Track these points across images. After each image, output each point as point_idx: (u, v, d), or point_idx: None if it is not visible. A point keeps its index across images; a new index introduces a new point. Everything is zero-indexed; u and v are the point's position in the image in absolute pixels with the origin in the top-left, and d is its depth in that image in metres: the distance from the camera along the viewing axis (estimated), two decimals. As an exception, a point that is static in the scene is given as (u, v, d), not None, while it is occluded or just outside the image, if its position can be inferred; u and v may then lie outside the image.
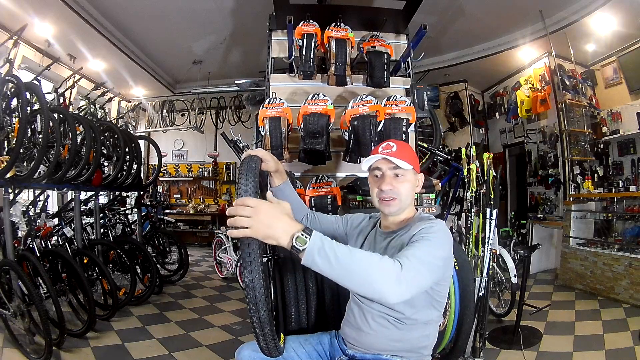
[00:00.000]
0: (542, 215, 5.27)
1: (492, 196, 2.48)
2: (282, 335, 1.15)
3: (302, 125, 1.96)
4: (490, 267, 2.56)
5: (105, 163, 3.86)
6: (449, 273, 1.21)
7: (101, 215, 4.05)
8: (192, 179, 8.07)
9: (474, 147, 2.77)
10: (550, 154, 5.39)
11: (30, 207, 3.16)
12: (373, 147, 1.83)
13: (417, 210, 1.30)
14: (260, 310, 0.92)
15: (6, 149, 2.80)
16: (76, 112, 4.38)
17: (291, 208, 1.43)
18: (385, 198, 1.21)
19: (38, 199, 3.28)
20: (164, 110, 6.94)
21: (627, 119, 4.67)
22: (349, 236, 1.42)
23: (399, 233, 1.22)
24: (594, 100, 5.10)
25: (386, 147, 1.23)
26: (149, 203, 5.58)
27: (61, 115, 3.09)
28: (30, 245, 2.96)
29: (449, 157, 3.05)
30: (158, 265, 4.33)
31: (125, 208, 4.83)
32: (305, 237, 0.87)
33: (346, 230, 1.43)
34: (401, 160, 1.19)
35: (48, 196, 3.49)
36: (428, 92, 2.27)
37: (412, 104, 2.02)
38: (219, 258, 5.10)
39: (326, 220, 1.47)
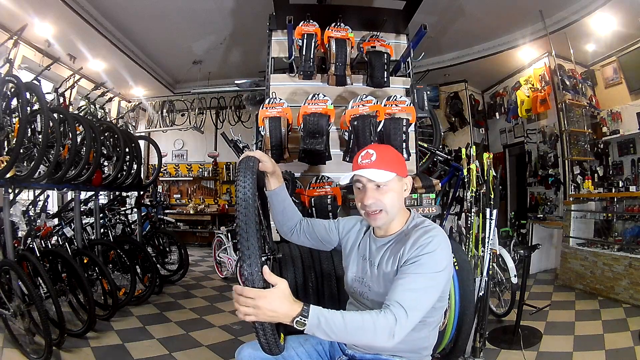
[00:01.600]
0: (542, 215, 5.27)
1: (492, 196, 2.48)
2: (282, 335, 1.15)
3: (302, 125, 1.96)
4: (490, 267, 2.55)
5: (105, 163, 3.86)
6: (451, 275, 1.20)
7: (101, 215, 4.04)
8: (192, 179, 8.06)
9: (474, 147, 2.77)
10: (550, 154, 5.39)
11: (30, 207, 3.16)
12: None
13: (410, 212, 1.27)
14: None
15: (6, 149, 2.80)
16: (76, 112, 4.38)
17: (285, 214, 1.42)
18: (369, 212, 1.18)
19: (38, 199, 3.28)
20: (164, 110, 6.93)
21: (627, 119, 4.67)
22: (342, 242, 1.40)
23: (393, 243, 1.21)
24: (594, 100, 5.09)
25: (365, 156, 1.18)
26: (149, 203, 5.58)
27: (61, 115, 3.08)
28: (30, 245, 2.96)
29: (449, 157, 3.05)
30: (158, 265, 4.33)
31: (125, 208, 4.83)
32: (304, 320, 0.95)
33: (340, 235, 1.40)
34: (380, 170, 1.14)
35: (48, 196, 3.49)
36: (428, 92, 2.27)
37: (412, 104, 2.02)
38: (219, 258, 5.10)
39: (319, 227, 1.43)
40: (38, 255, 2.90)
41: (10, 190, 2.77)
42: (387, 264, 1.17)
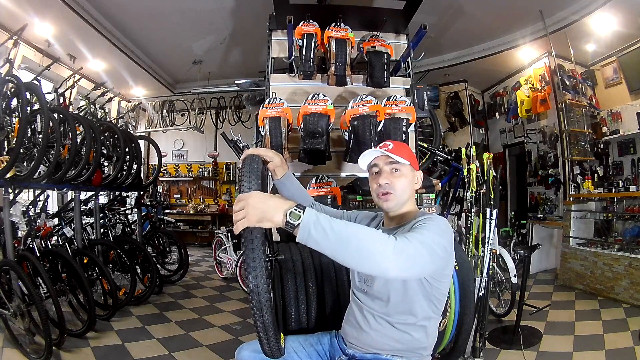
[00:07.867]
0: (542, 215, 5.27)
1: (492, 196, 2.48)
2: (281, 335, 1.14)
3: (302, 125, 1.96)
4: (490, 267, 2.55)
5: (105, 163, 3.86)
6: (449, 271, 1.20)
7: (101, 215, 4.04)
8: (192, 179, 8.07)
9: (474, 147, 2.76)
10: (550, 154, 5.39)
11: (30, 207, 3.16)
12: (373, 148, 1.83)
13: (420, 209, 1.32)
14: (264, 314, 0.93)
15: (6, 149, 2.80)
16: (76, 112, 4.38)
17: (296, 197, 1.41)
18: (382, 192, 1.23)
19: (38, 199, 3.27)
20: (164, 110, 6.95)
21: (627, 119, 4.67)
22: None
23: (400, 229, 1.21)
24: (594, 100, 5.10)
25: (383, 145, 1.27)
26: (149, 203, 5.57)
27: (61, 115, 3.08)
28: (30, 245, 2.96)
29: (449, 157, 3.05)
30: (158, 265, 4.33)
31: (125, 208, 4.83)
32: (299, 211, 0.87)
33: None
34: (397, 155, 1.22)
35: (48, 196, 3.48)
36: (428, 92, 2.27)
37: (412, 104, 2.03)
38: (219, 258, 5.10)
39: (333, 214, 1.44)
40: (38, 255, 2.90)
41: (10, 190, 2.76)
42: None
